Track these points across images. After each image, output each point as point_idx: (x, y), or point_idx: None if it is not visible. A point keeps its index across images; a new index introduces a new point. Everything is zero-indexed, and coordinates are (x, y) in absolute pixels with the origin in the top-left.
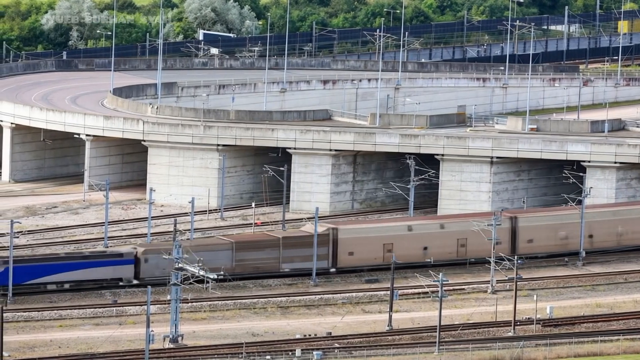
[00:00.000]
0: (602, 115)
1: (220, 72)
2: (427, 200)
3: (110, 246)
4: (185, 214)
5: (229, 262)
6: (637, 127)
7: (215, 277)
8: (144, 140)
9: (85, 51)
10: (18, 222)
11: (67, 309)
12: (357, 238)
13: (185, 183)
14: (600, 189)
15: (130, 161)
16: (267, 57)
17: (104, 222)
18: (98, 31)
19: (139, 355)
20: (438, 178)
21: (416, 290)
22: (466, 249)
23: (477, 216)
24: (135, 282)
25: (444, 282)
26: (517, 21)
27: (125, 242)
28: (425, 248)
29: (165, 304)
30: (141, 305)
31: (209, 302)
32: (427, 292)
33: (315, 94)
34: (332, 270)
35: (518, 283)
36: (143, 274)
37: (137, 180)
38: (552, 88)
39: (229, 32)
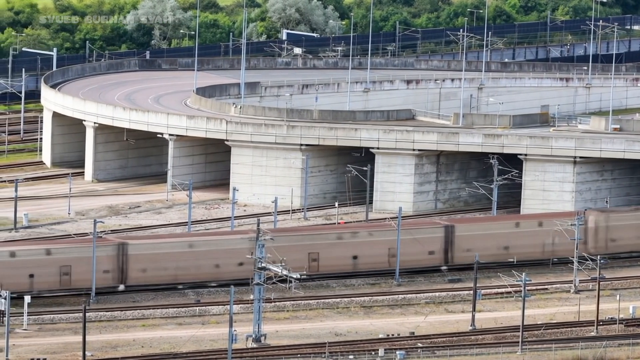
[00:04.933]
0: None
1: (304, 71)
2: (511, 200)
3: None
4: (269, 213)
5: None
6: None
7: (299, 276)
8: (227, 140)
9: (168, 51)
10: (101, 221)
11: (149, 309)
12: None
13: (269, 183)
14: None
15: (213, 161)
16: (350, 57)
17: (187, 222)
18: (181, 31)
19: (221, 355)
20: (521, 178)
21: (499, 290)
22: (70, 278)
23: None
24: None
25: (527, 282)
26: (600, 21)
27: None
28: (32, 275)
29: (248, 303)
30: (224, 305)
31: (292, 302)
32: (509, 292)
33: (398, 94)
34: None
35: (601, 283)
36: None
37: (220, 180)
38: (635, 88)
39: (313, 32)
